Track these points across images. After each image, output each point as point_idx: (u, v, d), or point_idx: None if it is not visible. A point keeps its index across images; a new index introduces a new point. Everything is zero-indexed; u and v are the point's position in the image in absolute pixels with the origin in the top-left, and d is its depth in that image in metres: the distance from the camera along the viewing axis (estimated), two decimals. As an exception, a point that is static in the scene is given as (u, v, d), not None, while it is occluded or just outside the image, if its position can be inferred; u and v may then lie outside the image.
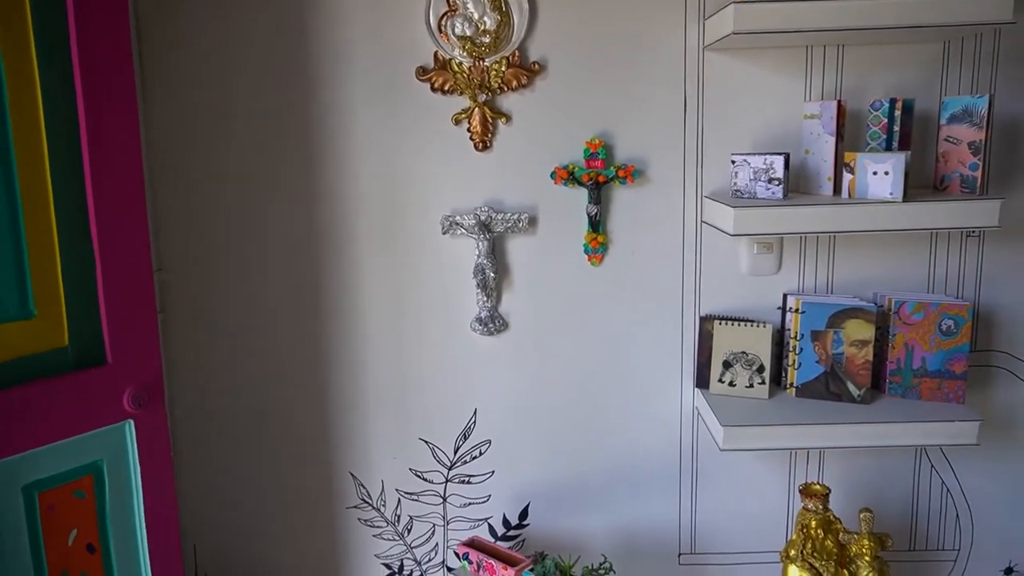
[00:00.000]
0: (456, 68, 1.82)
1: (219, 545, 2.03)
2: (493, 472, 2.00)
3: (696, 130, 1.84)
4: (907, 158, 1.57)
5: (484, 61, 1.81)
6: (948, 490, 1.99)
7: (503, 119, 1.84)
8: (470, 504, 2.02)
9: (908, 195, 1.61)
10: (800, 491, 1.75)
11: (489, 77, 1.81)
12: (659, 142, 1.85)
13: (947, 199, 1.60)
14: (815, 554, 1.72)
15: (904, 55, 1.80)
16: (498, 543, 1.99)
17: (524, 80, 1.81)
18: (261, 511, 2.02)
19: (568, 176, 1.82)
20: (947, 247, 1.87)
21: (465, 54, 1.80)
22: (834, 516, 1.74)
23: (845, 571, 1.73)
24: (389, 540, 2.04)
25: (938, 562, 2.04)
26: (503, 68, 1.81)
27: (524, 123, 1.85)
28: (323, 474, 2.01)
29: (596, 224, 1.85)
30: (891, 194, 1.56)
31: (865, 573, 1.72)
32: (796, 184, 1.79)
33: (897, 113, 1.65)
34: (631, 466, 1.99)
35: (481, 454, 2.00)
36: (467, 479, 2.01)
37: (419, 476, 2.01)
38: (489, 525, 2.03)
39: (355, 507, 2.02)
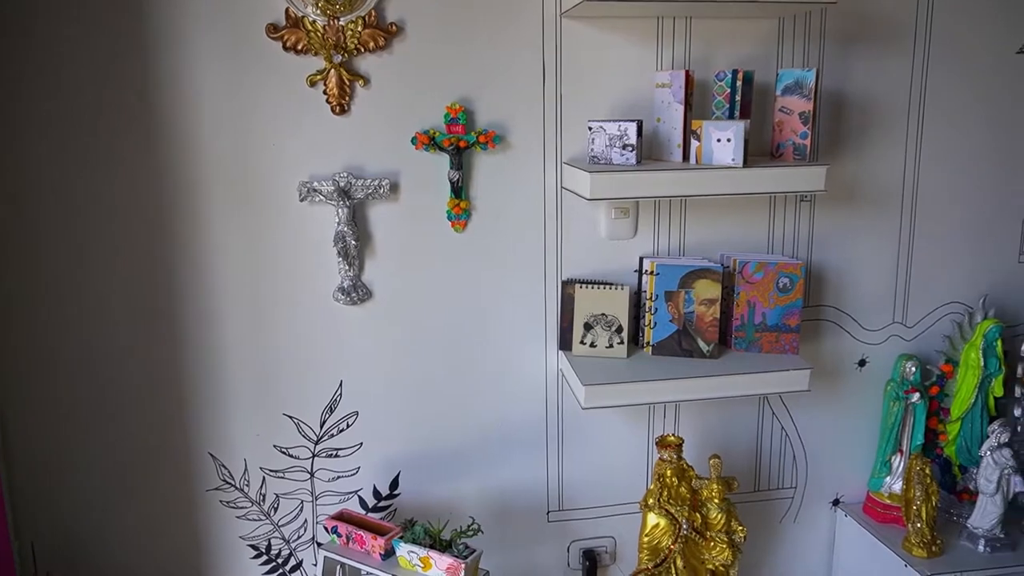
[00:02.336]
0: (310, 26, 1.74)
1: (64, 542, 1.88)
2: (361, 444, 1.97)
3: (555, 96, 1.86)
4: (746, 126, 1.67)
5: (339, 20, 1.73)
6: (786, 433, 2.17)
7: (361, 82, 1.78)
8: (339, 478, 1.98)
9: (748, 161, 1.71)
10: (656, 443, 1.85)
11: (345, 37, 1.75)
12: (519, 108, 1.86)
13: (781, 165, 1.72)
14: (671, 501, 1.83)
15: (745, 29, 1.91)
16: (369, 514, 1.97)
17: (382, 42, 1.76)
18: (110, 502, 1.88)
19: (429, 141, 1.80)
20: (784, 211, 2.02)
21: (319, 11, 1.72)
22: (687, 464, 1.86)
23: (697, 514, 1.85)
24: (255, 520, 1.97)
25: (779, 500, 2.23)
26: (359, 28, 1.74)
27: (383, 86, 1.80)
28: (179, 457, 1.90)
29: (458, 190, 1.84)
30: (733, 160, 1.66)
31: (715, 514, 1.85)
32: (650, 151, 1.87)
33: (739, 84, 1.75)
34: (499, 429, 2.02)
35: (348, 426, 1.96)
36: (335, 453, 1.97)
37: (284, 452, 1.94)
38: (360, 498, 2.00)
39: (216, 489, 1.93)
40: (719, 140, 1.67)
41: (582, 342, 1.90)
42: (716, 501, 1.84)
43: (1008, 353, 2.06)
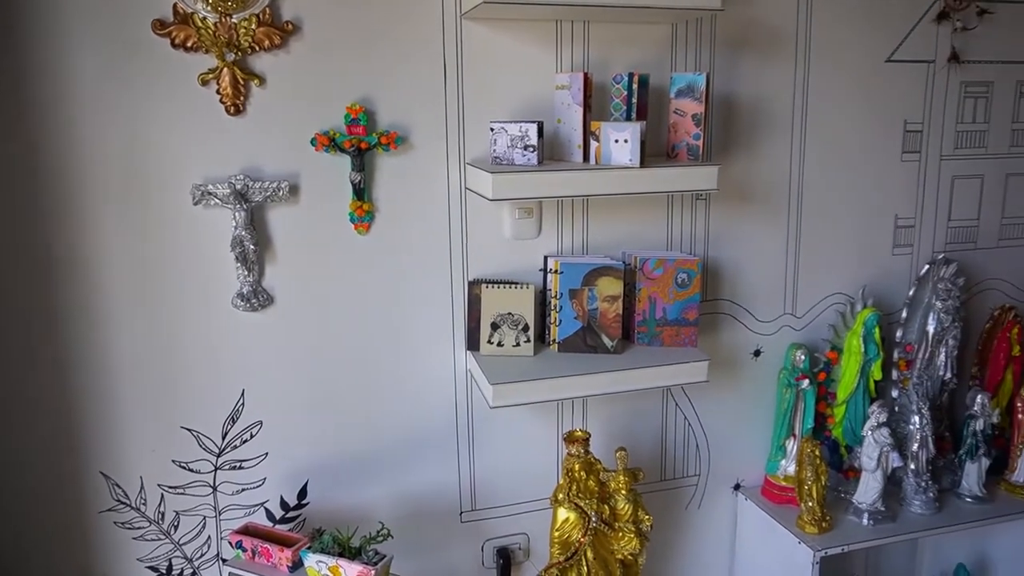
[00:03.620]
0: (200, 23, 1.67)
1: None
2: (267, 454, 1.92)
3: (457, 97, 1.87)
4: (642, 127, 1.72)
5: (231, 17, 1.68)
6: (689, 423, 2.26)
7: (256, 81, 1.73)
8: (244, 490, 1.92)
9: (645, 162, 1.77)
10: (564, 439, 1.88)
11: (238, 35, 1.69)
12: (421, 109, 1.85)
13: (676, 165, 1.79)
14: (580, 494, 1.87)
15: (641, 34, 1.97)
16: (276, 526, 1.92)
17: (277, 40, 1.71)
18: (-12, 529, 1.76)
19: (329, 143, 1.77)
20: (681, 209, 2.10)
21: (209, 8, 1.66)
22: (595, 458, 1.90)
23: (606, 506, 1.89)
24: (153, 540, 1.88)
25: (684, 487, 2.31)
26: (253, 26, 1.69)
27: (280, 86, 1.76)
28: (68, 478, 1.79)
29: (361, 192, 1.82)
30: (630, 160, 1.71)
31: (622, 505, 1.90)
32: (551, 151, 1.90)
33: (635, 87, 1.80)
34: (409, 432, 2.01)
35: (252, 436, 1.90)
36: (239, 464, 1.90)
37: (184, 467, 1.86)
38: (266, 509, 1.95)
39: (110, 510, 1.83)
40: (617, 141, 1.72)
41: (489, 341, 1.91)
42: (623, 492, 1.89)
43: (885, 339, 2.22)
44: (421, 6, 1.81)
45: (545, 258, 1.97)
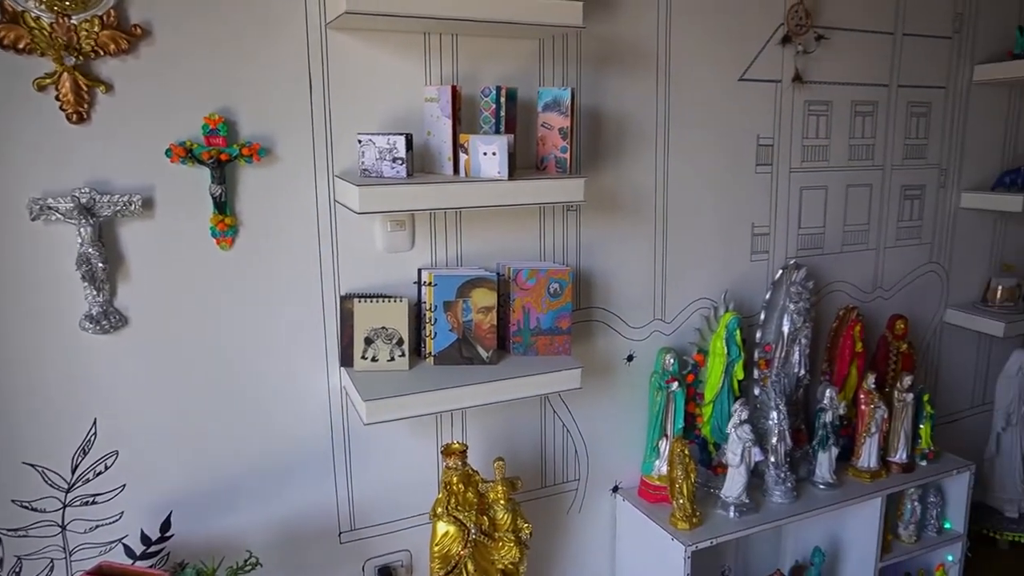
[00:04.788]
0: (33, 23, 1.55)
1: None
2: (124, 486, 1.79)
3: (324, 109, 1.83)
4: (510, 140, 1.75)
5: (70, 18, 1.56)
6: (567, 430, 2.30)
7: (102, 88, 1.62)
8: (98, 527, 1.78)
9: (515, 174, 1.80)
10: (441, 452, 1.87)
11: (79, 38, 1.58)
12: (286, 120, 1.80)
13: (544, 177, 1.83)
14: (459, 507, 1.86)
15: (509, 48, 2.00)
16: (136, 563, 1.79)
17: (125, 45, 1.61)
18: None
19: (186, 154, 1.68)
20: (553, 220, 2.14)
21: (44, 7, 1.54)
22: (473, 469, 1.90)
23: (485, 517, 1.90)
24: (-9, 589, 1.71)
25: (565, 492, 2.36)
26: (96, 29, 1.58)
27: (130, 94, 1.65)
28: None
29: (222, 205, 1.74)
30: (499, 173, 1.73)
31: (501, 515, 1.91)
32: (422, 164, 1.89)
33: (503, 100, 1.83)
34: (283, 454, 1.93)
35: (107, 468, 1.77)
36: (92, 499, 1.76)
37: (26, 507, 1.70)
38: (125, 546, 1.81)
39: (-64, 560, 1.65)
40: (485, 154, 1.73)
41: (363, 357, 1.88)
42: (502, 502, 1.90)
43: (746, 340, 2.36)
44: (284, 14, 1.75)
45: (419, 271, 1.96)
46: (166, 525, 1.85)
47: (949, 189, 2.90)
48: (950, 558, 2.67)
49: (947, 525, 2.67)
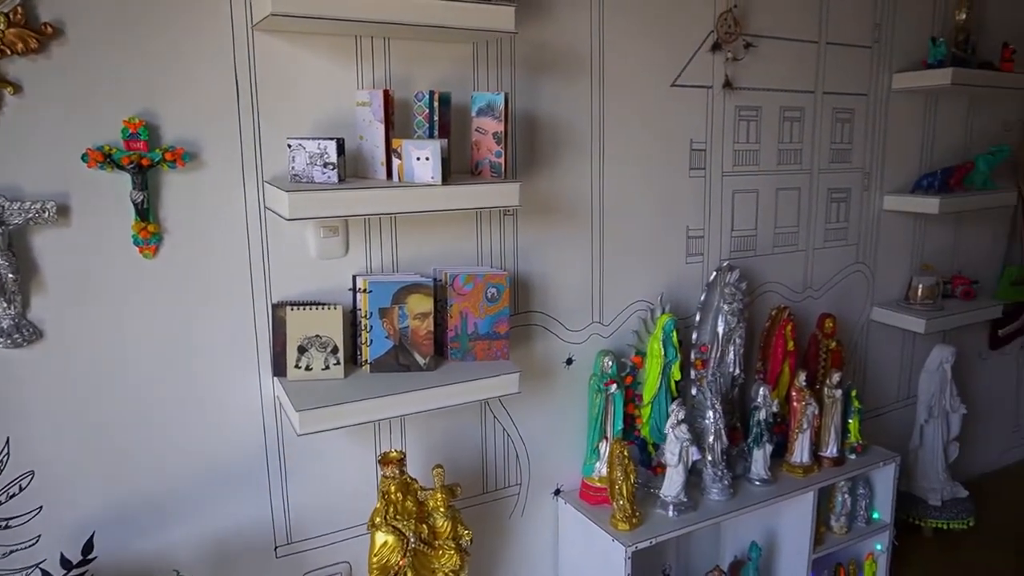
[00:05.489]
0: (-67, 22, 1.46)
1: None
2: (41, 508, 1.70)
3: (252, 112, 1.78)
4: (443, 145, 1.74)
5: (-26, 17, 1.48)
6: (508, 434, 2.30)
7: (10, 89, 1.54)
8: (12, 552, 1.69)
9: (450, 179, 1.79)
10: (379, 461, 1.84)
11: (-16, 37, 1.50)
12: (213, 124, 1.74)
13: (479, 182, 1.82)
14: (397, 516, 1.84)
15: (443, 52, 1.99)
16: (55, 588, 1.71)
17: (34, 44, 1.54)
18: None
19: (104, 159, 1.61)
20: (490, 225, 2.14)
21: (-55, 5, 1.46)
22: (411, 478, 1.88)
23: (424, 526, 1.88)
24: None
25: (506, 497, 2.35)
26: (2, 27, 1.51)
27: (41, 96, 1.58)
28: None
29: (145, 212, 1.67)
30: (432, 178, 1.72)
31: (441, 523, 1.89)
32: (355, 168, 1.86)
33: (436, 104, 1.81)
34: (213, 468, 1.87)
35: (22, 490, 1.68)
36: (5, 524, 1.67)
37: (-68, 534, 1.61)
38: (42, 571, 1.72)
39: None
40: (418, 158, 1.72)
41: (297, 366, 1.83)
42: (442, 509, 1.89)
43: (682, 342, 2.40)
44: (208, 14, 1.70)
45: (354, 277, 1.93)
46: (88, 547, 1.77)
47: (872, 192, 3.01)
48: (879, 547, 2.77)
49: (875, 515, 2.76)
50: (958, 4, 2.99)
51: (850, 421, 2.67)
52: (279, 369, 1.85)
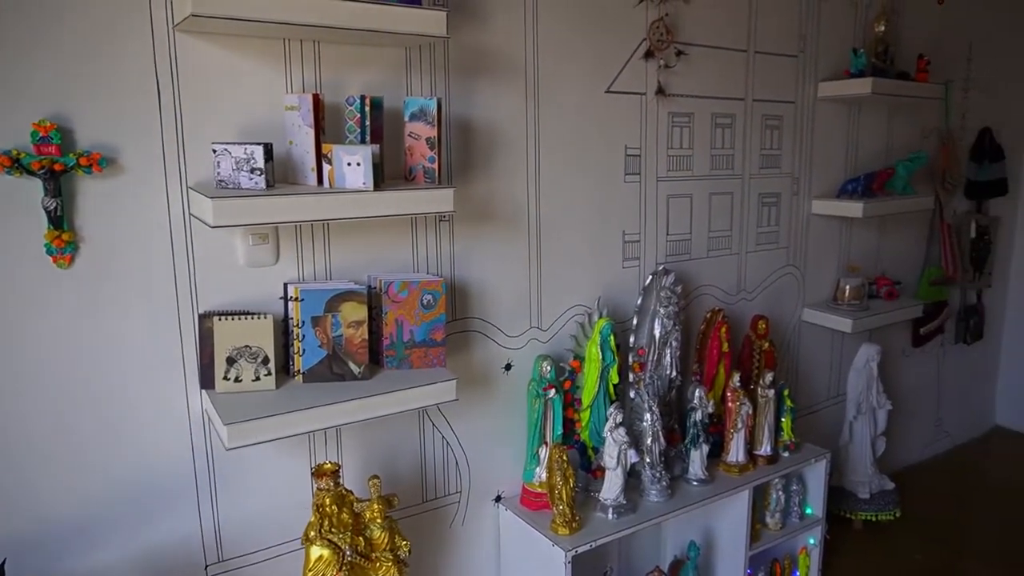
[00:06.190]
0: None
1: None
2: (-54, 535, 1.60)
3: (174, 116, 1.72)
4: (375, 150, 1.71)
5: None
6: (447, 442, 2.28)
7: (-92, 90, 1.45)
8: (-86, 583, 1.58)
9: (382, 185, 1.76)
10: (312, 474, 1.80)
11: None
12: (132, 128, 1.67)
13: (412, 188, 1.80)
14: (333, 529, 1.80)
15: (375, 57, 1.97)
16: (-38, 620, 1.60)
17: (-66, 43, 1.45)
18: None
19: (12, 164, 1.53)
20: (426, 231, 2.12)
21: None
22: (346, 489, 1.84)
23: (361, 538, 1.84)
24: None
25: (447, 506, 2.33)
26: (-102, 25, 1.42)
27: (-58, 97, 1.49)
28: None
29: (58, 220, 1.59)
30: (364, 183, 1.69)
31: (378, 534, 1.86)
32: (286, 174, 1.82)
33: (367, 109, 1.79)
34: (140, 487, 1.79)
35: (-75, 516, 1.58)
36: (-94, 553, 1.57)
37: None
38: (-51, 601, 1.62)
39: None
40: (349, 164, 1.69)
41: (226, 378, 1.77)
42: (378, 521, 1.85)
43: (620, 345, 2.42)
44: (126, 14, 1.63)
45: (285, 285, 1.88)
46: None
47: (801, 196, 3.11)
48: (812, 541, 2.85)
49: (808, 511, 2.85)
50: (877, 17, 3.12)
51: (783, 420, 2.74)
52: (207, 381, 1.79)
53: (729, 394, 2.60)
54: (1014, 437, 4.42)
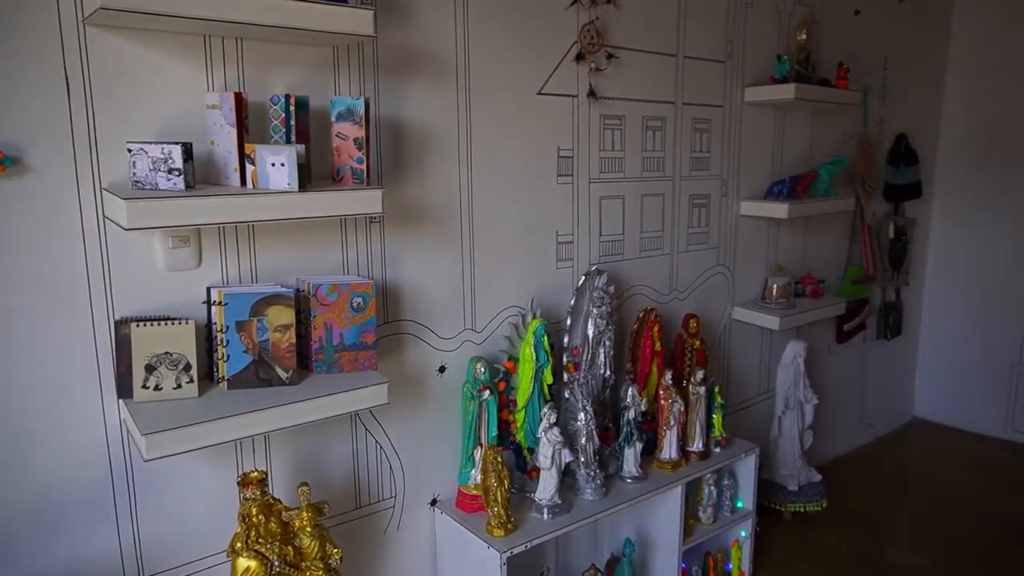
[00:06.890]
0: None
1: None
2: None
3: (86, 114, 1.64)
4: (300, 150, 1.68)
5: None
6: (381, 446, 2.25)
7: None
8: None
9: (310, 185, 1.72)
10: (238, 483, 1.75)
11: None
12: (39, 126, 1.59)
13: (339, 189, 1.77)
14: (260, 540, 1.75)
15: (301, 55, 1.93)
16: None
17: None
18: None
19: (-95, 163, 1.44)
20: (356, 232, 2.09)
21: None
22: (274, 498, 1.80)
23: (290, 547, 1.80)
24: None
25: (381, 511, 2.29)
26: None
27: None
28: None
29: (-43, 222, 1.51)
30: (288, 184, 1.65)
31: (308, 542, 1.82)
32: (208, 175, 1.76)
33: (292, 108, 1.75)
34: (51, 504, 1.71)
35: None
36: None
37: None
38: None
39: None
40: (273, 164, 1.65)
41: (144, 386, 1.71)
42: (308, 529, 1.82)
43: (554, 346, 2.43)
44: (27, 5, 1.55)
45: (208, 289, 1.82)
46: None
47: (730, 198, 3.20)
48: (743, 533, 2.92)
49: (739, 504, 2.92)
50: (799, 25, 3.24)
51: (714, 416, 2.81)
52: (124, 391, 1.72)
53: (662, 392, 2.64)
54: (931, 427, 4.65)
